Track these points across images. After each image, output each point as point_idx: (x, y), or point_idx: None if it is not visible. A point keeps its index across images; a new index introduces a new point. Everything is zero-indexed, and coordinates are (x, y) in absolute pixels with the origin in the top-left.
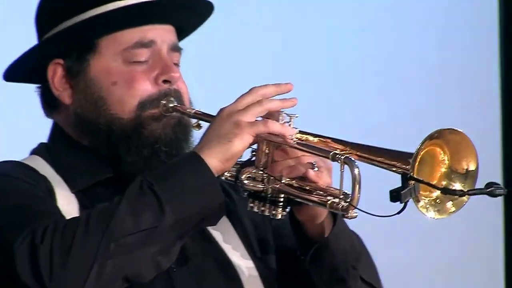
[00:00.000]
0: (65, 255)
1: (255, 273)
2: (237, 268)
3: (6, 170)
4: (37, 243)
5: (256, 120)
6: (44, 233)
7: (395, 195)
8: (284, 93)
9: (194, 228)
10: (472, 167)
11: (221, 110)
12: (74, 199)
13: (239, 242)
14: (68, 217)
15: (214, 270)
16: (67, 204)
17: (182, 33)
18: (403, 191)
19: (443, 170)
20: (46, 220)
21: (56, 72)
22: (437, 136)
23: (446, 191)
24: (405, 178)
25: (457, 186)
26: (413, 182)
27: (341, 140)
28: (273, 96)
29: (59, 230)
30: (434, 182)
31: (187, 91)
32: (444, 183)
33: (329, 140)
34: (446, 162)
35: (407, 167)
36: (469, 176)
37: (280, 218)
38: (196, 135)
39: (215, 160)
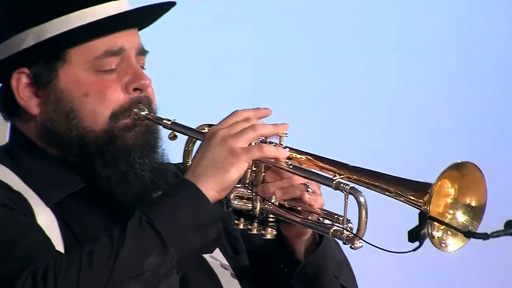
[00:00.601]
0: None
1: (231, 271)
2: (214, 268)
3: None
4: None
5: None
6: (46, 276)
7: (414, 236)
8: (264, 117)
9: (192, 256)
10: (475, 203)
11: (213, 133)
12: (51, 213)
13: (218, 251)
14: (50, 233)
15: (191, 272)
16: (46, 219)
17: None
18: (422, 231)
19: (448, 200)
20: (41, 253)
21: (20, 81)
22: (454, 168)
23: (470, 234)
24: (424, 217)
25: (459, 214)
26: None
27: (335, 161)
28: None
29: (62, 273)
30: (440, 211)
31: (154, 97)
32: (450, 212)
33: (319, 161)
34: (453, 193)
35: (424, 201)
36: (476, 211)
37: (270, 237)
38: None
39: (212, 191)
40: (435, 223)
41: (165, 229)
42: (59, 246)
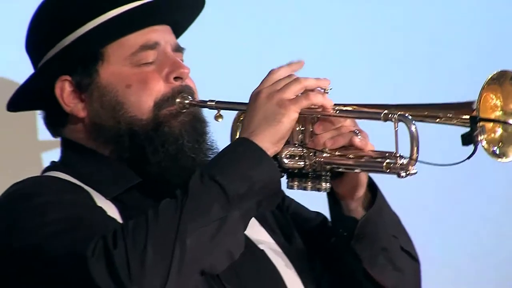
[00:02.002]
0: (141, 256)
1: (285, 258)
2: (269, 256)
3: (44, 183)
4: (111, 249)
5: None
6: (115, 238)
7: (467, 139)
8: (299, 69)
9: (256, 213)
10: None
11: (258, 92)
12: (112, 205)
13: (265, 233)
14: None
15: (248, 263)
16: (108, 211)
17: (177, 32)
18: (475, 133)
19: (497, 113)
20: (109, 225)
21: (64, 89)
22: (495, 80)
23: None
24: (474, 120)
25: None
26: (481, 124)
27: (381, 104)
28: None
29: (130, 233)
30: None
31: (195, 87)
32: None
33: (366, 108)
34: (499, 104)
35: (472, 112)
36: None
37: (325, 191)
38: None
39: (268, 143)
40: (487, 130)
41: (226, 181)
42: None
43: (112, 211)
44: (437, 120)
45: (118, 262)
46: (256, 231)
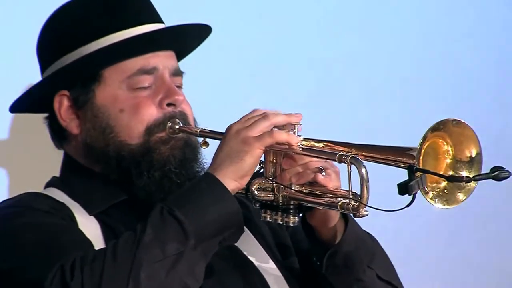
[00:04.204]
0: None
1: (279, 274)
2: (261, 271)
3: (28, 202)
4: (68, 280)
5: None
6: (73, 269)
7: (403, 188)
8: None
9: (217, 247)
10: (474, 153)
11: (229, 128)
12: (94, 220)
13: (259, 247)
14: (93, 239)
15: (237, 275)
16: (89, 227)
17: (181, 55)
18: (411, 183)
19: (448, 161)
20: (73, 252)
21: (62, 104)
22: (439, 128)
23: (452, 179)
24: (411, 170)
25: (464, 174)
26: (419, 174)
27: (345, 143)
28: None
29: (88, 264)
30: (440, 173)
31: (191, 112)
32: (450, 173)
33: (332, 144)
34: (450, 152)
35: (413, 160)
36: (475, 162)
37: (293, 226)
38: (205, 152)
39: (231, 180)
40: (428, 181)
41: (184, 216)
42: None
43: (93, 227)
44: (381, 162)
45: None
46: (251, 246)
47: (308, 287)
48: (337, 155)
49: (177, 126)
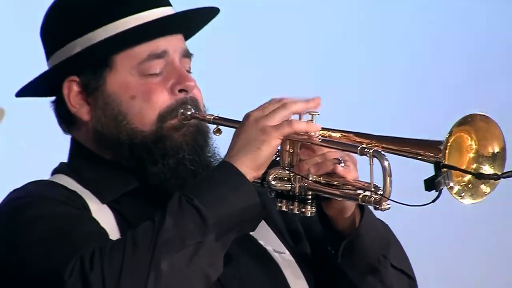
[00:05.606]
0: (116, 279)
1: (291, 259)
2: (275, 258)
3: (40, 191)
4: (87, 271)
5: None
6: (92, 259)
7: (430, 184)
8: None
9: (236, 235)
10: (497, 149)
11: (247, 116)
12: (107, 209)
13: (272, 234)
14: (107, 228)
15: (252, 262)
16: (103, 216)
17: (188, 36)
18: (437, 180)
19: (471, 155)
20: (91, 242)
21: (71, 89)
22: (465, 122)
23: (480, 176)
24: (438, 166)
25: (487, 168)
26: (445, 169)
27: (365, 134)
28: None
29: (107, 254)
30: (463, 167)
31: (201, 98)
32: (473, 166)
33: (352, 135)
34: (474, 147)
35: (439, 155)
36: (498, 158)
37: (310, 216)
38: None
39: (248, 169)
40: (453, 175)
41: (203, 205)
42: (116, 238)
43: (107, 216)
44: (407, 155)
45: (94, 284)
46: (264, 234)
47: (320, 274)
48: (359, 148)
49: (189, 113)
